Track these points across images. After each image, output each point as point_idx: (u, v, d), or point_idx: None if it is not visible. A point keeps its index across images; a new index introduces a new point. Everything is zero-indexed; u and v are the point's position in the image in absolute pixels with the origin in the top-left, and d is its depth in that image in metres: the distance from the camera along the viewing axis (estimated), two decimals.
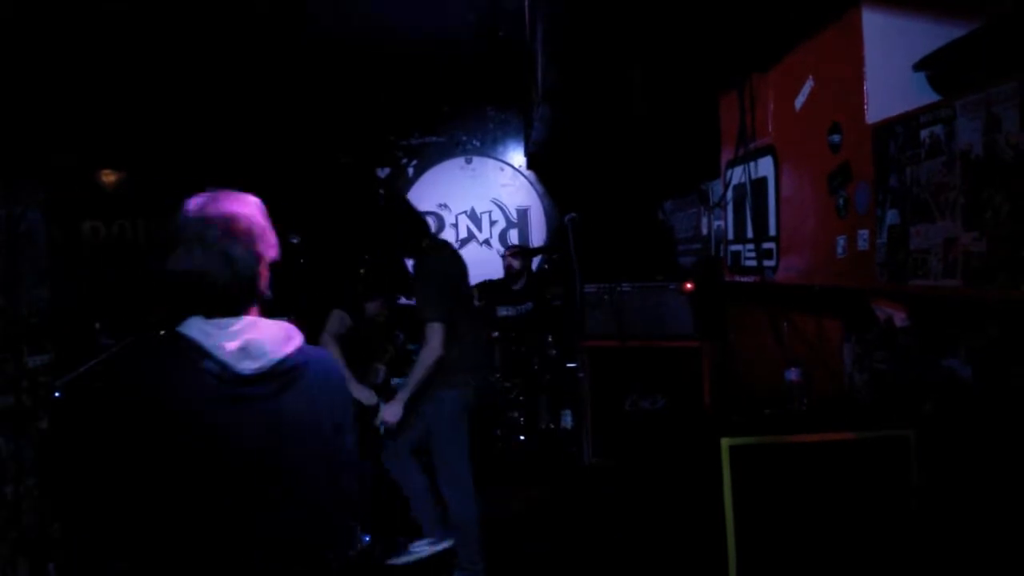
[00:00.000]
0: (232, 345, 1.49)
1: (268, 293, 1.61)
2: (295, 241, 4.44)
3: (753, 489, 2.76)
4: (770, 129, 3.34)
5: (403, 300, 5.08)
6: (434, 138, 7.05)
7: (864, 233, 2.57)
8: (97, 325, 4.70)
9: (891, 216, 2.40)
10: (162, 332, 1.56)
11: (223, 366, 1.48)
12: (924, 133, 2.21)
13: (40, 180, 2.46)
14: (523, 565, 3.88)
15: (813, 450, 2.79)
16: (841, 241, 2.74)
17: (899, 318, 2.81)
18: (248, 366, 1.50)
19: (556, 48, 4.03)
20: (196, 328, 1.51)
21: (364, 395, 3.92)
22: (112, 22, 5.17)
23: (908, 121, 2.29)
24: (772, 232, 3.35)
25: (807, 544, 2.72)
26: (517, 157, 7.00)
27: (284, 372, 1.55)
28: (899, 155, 2.35)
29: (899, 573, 2.66)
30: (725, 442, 2.78)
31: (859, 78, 2.56)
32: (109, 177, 6.72)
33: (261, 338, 1.53)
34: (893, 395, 3.05)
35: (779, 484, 2.76)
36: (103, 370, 1.59)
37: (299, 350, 1.59)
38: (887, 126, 2.42)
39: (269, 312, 1.62)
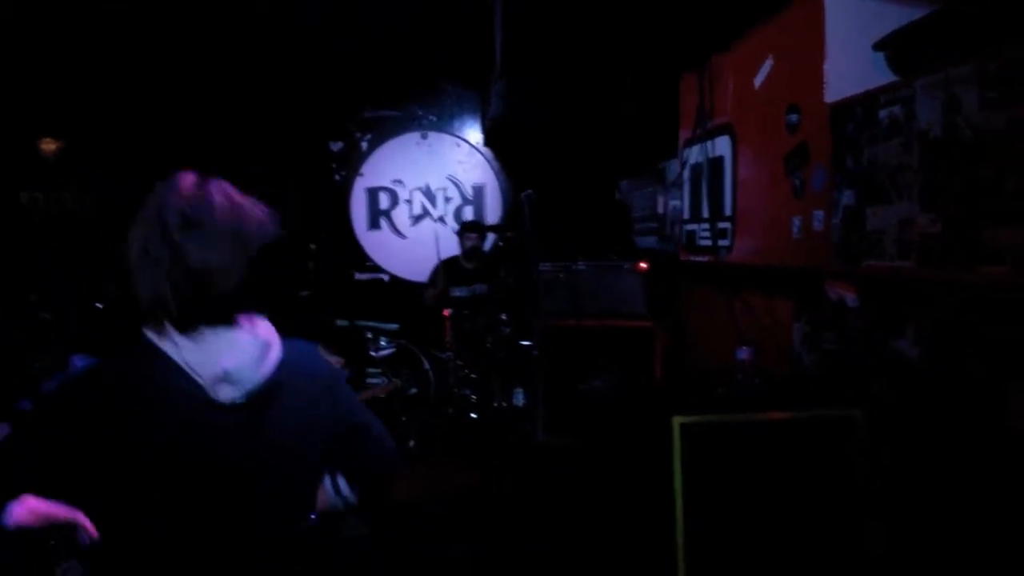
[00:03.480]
0: (210, 371, 1.32)
1: (253, 304, 1.43)
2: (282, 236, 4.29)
3: (704, 467, 2.77)
4: (728, 108, 3.33)
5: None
6: (390, 112, 6.91)
7: (819, 214, 2.58)
8: (32, 297, 4.51)
9: (847, 197, 2.41)
10: (126, 340, 1.38)
11: (198, 389, 1.32)
12: (883, 113, 2.21)
13: None
14: (471, 540, 3.86)
15: (763, 428, 2.80)
16: (796, 222, 2.75)
17: (850, 299, 2.83)
18: (227, 393, 1.34)
19: (515, 22, 3.96)
20: (168, 341, 1.33)
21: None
22: None
23: (867, 101, 2.29)
24: (728, 212, 3.35)
25: (756, 521, 2.74)
26: (474, 134, 6.90)
27: (264, 394, 1.38)
28: (857, 135, 2.35)
29: (847, 550, 2.70)
30: (676, 420, 2.77)
31: (819, 57, 2.55)
32: (49, 146, 6.44)
33: (241, 363, 1.34)
34: (841, 375, 3.09)
35: (729, 462, 2.77)
36: (73, 388, 1.35)
37: (277, 364, 1.41)
38: (846, 106, 2.42)
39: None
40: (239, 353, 1.34)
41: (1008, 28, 1.80)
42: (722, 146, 3.38)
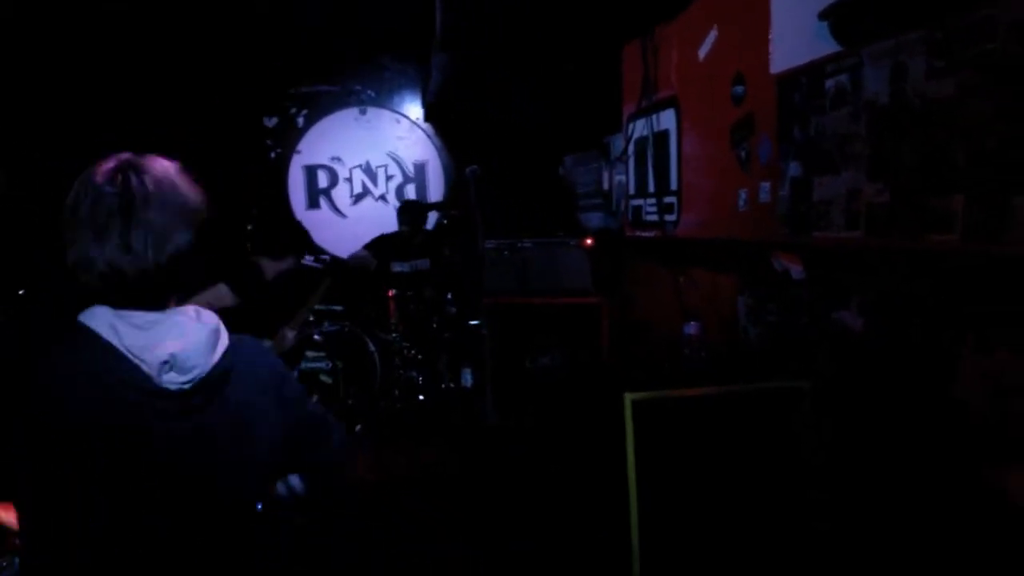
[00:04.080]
0: (154, 356, 1.24)
1: (191, 281, 1.36)
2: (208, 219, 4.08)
3: (655, 442, 2.76)
4: (673, 81, 3.29)
5: (308, 259, 4.81)
6: (326, 87, 6.69)
7: (766, 186, 2.56)
8: None
9: (794, 168, 2.40)
10: (58, 320, 1.29)
11: (143, 376, 1.24)
12: (829, 83, 2.19)
13: None
14: (423, 526, 3.80)
15: (712, 402, 2.80)
16: (743, 194, 2.73)
17: (796, 271, 2.84)
18: (173, 380, 1.26)
19: None
20: (106, 324, 1.25)
21: None
22: None
23: (813, 71, 2.27)
24: (673, 186, 3.33)
25: (707, 494, 2.74)
26: (414, 109, 6.74)
27: (213, 381, 1.32)
28: (803, 106, 2.33)
29: (795, 522, 2.73)
30: (628, 397, 2.75)
31: (764, 28, 2.52)
32: None
33: (188, 346, 1.28)
34: (786, 347, 3.10)
35: (680, 437, 2.77)
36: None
37: (225, 351, 1.35)
38: (792, 76, 2.40)
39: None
40: (186, 338, 1.28)
41: None
42: (667, 119, 3.34)
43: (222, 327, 1.37)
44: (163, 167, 1.31)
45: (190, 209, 1.30)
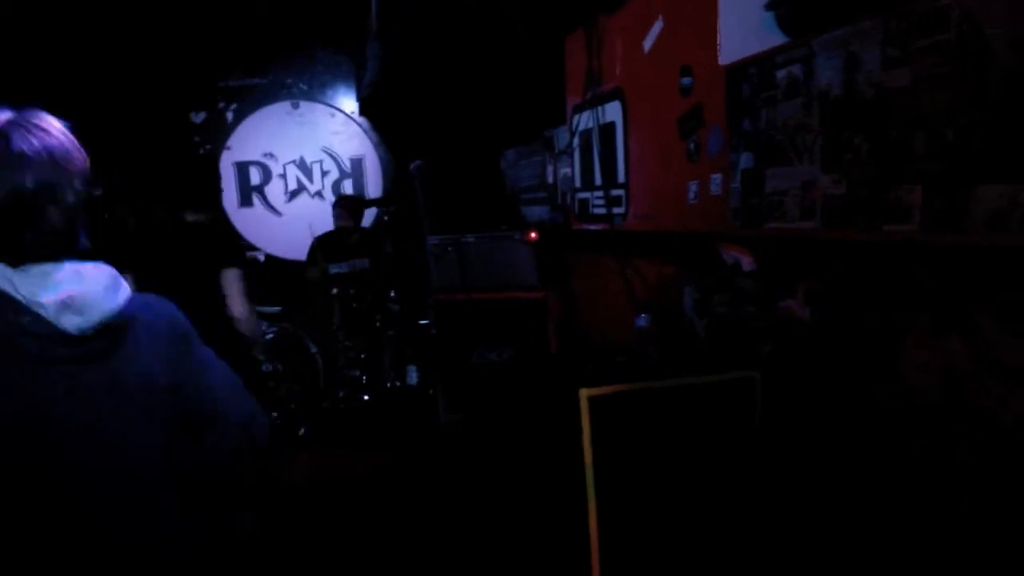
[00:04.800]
0: (51, 298, 1.22)
1: (85, 241, 1.33)
2: (97, 195, 3.86)
3: (611, 438, 2.73)
4: (618, 72, 3.26)
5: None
6: (256, 80, 6.47)
7: (717, 178, 2.55)
8: None
9: (745, 160, 2.39)
10: None
11: (42, 322, 1.21)
12: (781, 74, 2.18)
13: None
14: (369, 530, 3.70)
15: (668, 395, 2.78)
16: (693, 187, 2.72)
17: (746, 262, 2.85)
18: (73, 322, 1.23)
19: None
20: (2, 278, 1.22)
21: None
22: None
23: (763, 62, 2.26)
24: (621, 179, 3.30)
25: (664, 488, 2.73)
26: (349, 103, 6.58)
27: (115, 328, 1.29)
28: (754, 97, 2.33)
29: (749, 510, 2.74)
30: (584, 392, 2.71)
31: (712, 18, 2.51)
32: None
33: (87, 289, 1.26)
34: (733, 338, 3.12)
35: (636, 431, 2.75)
36: None
37: (129, 299, 1.33)
38: (741, 67, 2.38)
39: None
40: (83, 281, 1.27)
41: None
42: (613, 112, 3.31)
43: (123, 280, 1.35)
44: (48, 123, 1.30)
45: (78, 167, 1.29)
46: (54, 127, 1.30)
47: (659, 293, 3.51)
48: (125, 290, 1.33)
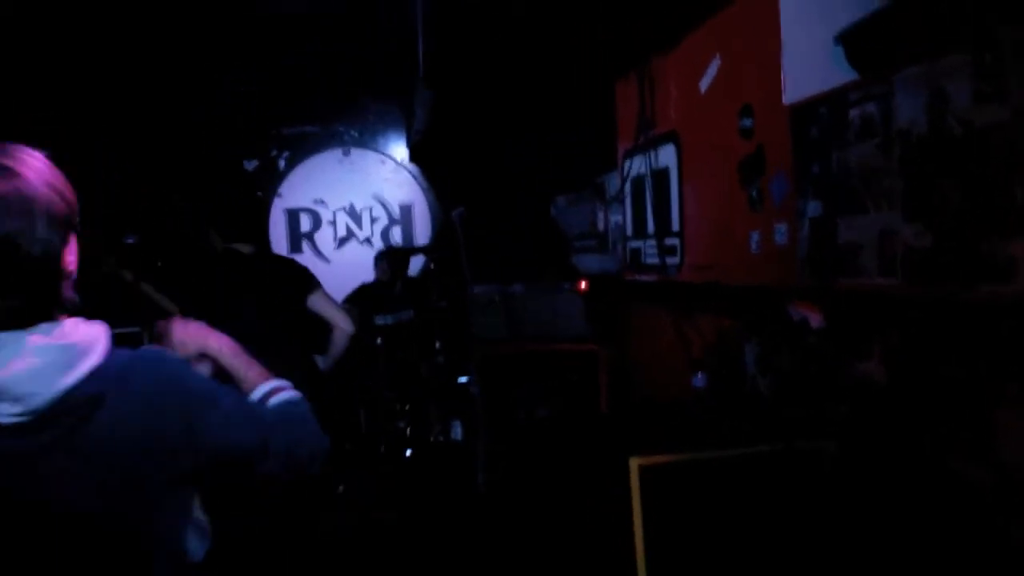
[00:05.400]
0: None
1: (72, 294, 1.15)
2: (131, 241, 3.81)
3: (665, 510, 2.48)
4: (672, 115, 3.08)
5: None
6: (309, 128, 6.49)
7: (782, 226, 2.33)
8: None
9: (813, 207, 2.16)
10: None
11: None
12: (854, 113, 1.96)
13: None
14: None
15: (728, 466, 2.53)
16: (755, 236, 2.50)
17: (815, 319, 2.59)
18: (6, 412, 1.04)
19: (438, 27, 3.65)
20: None
21: None
22: None
23: (834, 100, 2.05)
24: (675, 227, 3.09)
25: (723, 571, 2.46)
26: (399, 150, 6.54)
27: (65, 414, 1.07)
28: (823, 139, 2.11)
29: None
30: (634, 462, 2.48)
31: (775, 54, 2.31)
32: None
33: (22, 373, 1.04)
34: (800, 401, 2.85)
35: (693, 505, 2.49)
36: None
37: (94, 373, 1.10)
38: (808, 106, 2.17)
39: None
40: (22, 360, 1.06)
41: (1003, 11, 1.56)
42: (667, 156, 3.12)
43: (98, 344, 1.12)
44: (27, 163, 1.10)
45: (48, 210, 1.09)
46: (20, 161, 1.10)
47: (717, 349, 3.26)
48: (88, 362, 1.10)
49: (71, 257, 1.15)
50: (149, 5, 4.89)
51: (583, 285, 4.51)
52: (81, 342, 1.11)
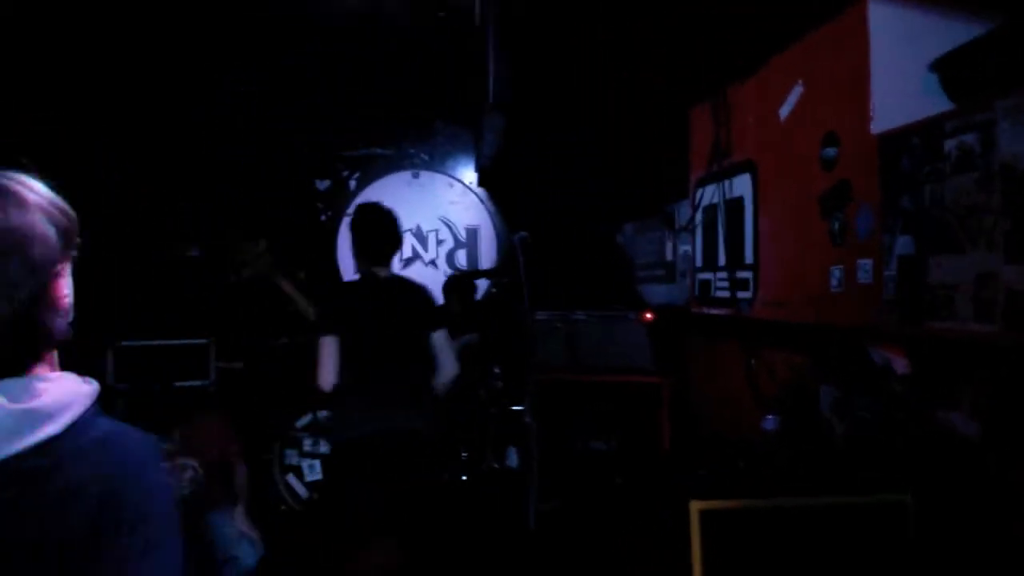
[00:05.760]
0: None
1: (64, 329, 1.05)
2: (195, 255, 3.85)
3: (727, 558, 2.34)
4: (749, 143, 2.96)
5: None
6: (379, 150, 6.56)
7: (866, 263, 2.18)
8: None
9: (903, 244, 2.01)
10: None
11: None
12: (950, 144, 1.82)
13: None
14: None
15: (798, 516, 2.37)
16: (836, 272, 2.35)
17: (900, 364, 2.42)
18: None
19: (508, 51, 3.63)
20: None
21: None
22: None
23: (929, 130, 1.91)
24: (749, 260, 2.96)
25: None
26: (468, 173, 6.54)
27: (8, 483, 0.95)
28: (915, 171, 1.97)
29: None
30: (695, 506, 2.34)
31: (863, 81, 2.18)
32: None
33: None
34: (880, 450, 2.67)
35: (758, 556, 2.34)
36: None
37: (47, 444, 0.96)
38: (899, 136, 2.03)
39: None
40: None
41: None
42: (741, 185, 3.00)
43: (63, 412, 0.98)
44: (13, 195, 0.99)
45: (33, 254, 0.98)
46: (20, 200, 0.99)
47: (790, 390, 3.09)
48: (47, 429, 0.96)
49: (63, 291, 1.04)
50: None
51: (648, 316, 4.38)
52: (47, 407, 0.98)
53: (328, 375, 3.02)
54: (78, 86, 5.41)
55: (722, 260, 3.16)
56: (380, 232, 3.43)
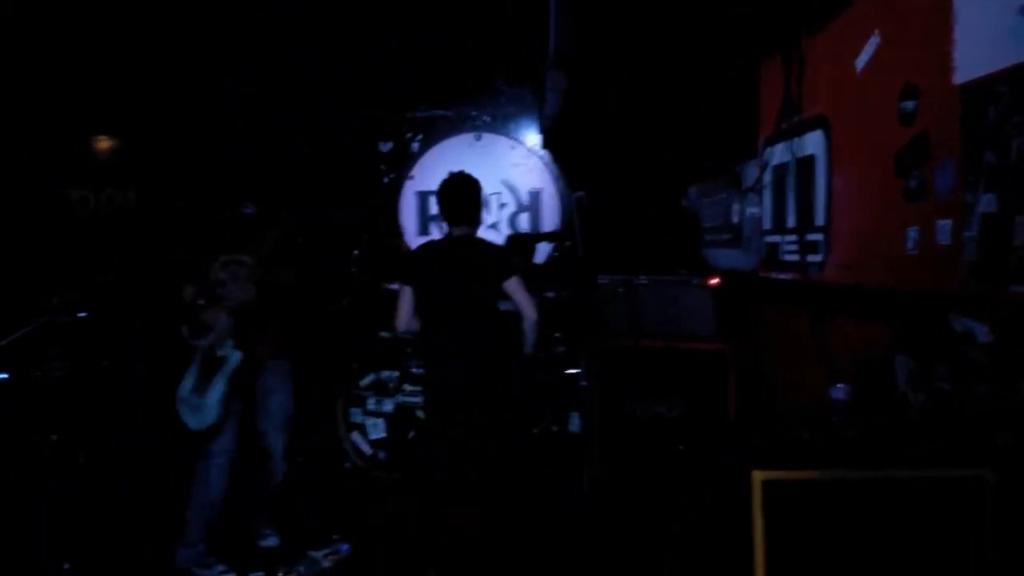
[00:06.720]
0: None
1: None
2: (249, 212, 3.92)
3: (791, 531, 2.26)
4: (822, 98, 2.80)
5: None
6: (442, 112, 6.53)
7: (946, 224, 2.04)
8: (55, 300, 4.25)
9: (986, 202, 1.87)
10: None
11: None
12: None
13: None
14: None
15: (868, 489, 2.27)
16: (912, 233, 2.21)
17: (982, 332, 2.27)
18: None
19: (570, 5, 3.52)
20: None
21: None
22: None
23: (1018, 78, 1.76)
24: (820, 222, 2.82)
25: None
26: (531, 136, 6.46)
27: None
28: (1002, 123, 1.82)
29: None
30: (757, 476, 2.27)
31: (945, 29, 2.02)
32: (102, 144, 6.28)
33: None
34: (959, 423, 2.53)
35: (824, 530, 2.26)
36: None
37: None
38: (984, 86, 1.88)
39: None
40: None
41: None
42: (813, 143, 2.85)
43: None
44: None
45: None
46: None
47: (863, 359, 2.96)
48: None
49: None
50: None
51: (714, 281, 4.26)
52: None
53: (402, 320, 3.45)
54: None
55: (791, 222, 3.03)
56: (453, 196, 3.67)
